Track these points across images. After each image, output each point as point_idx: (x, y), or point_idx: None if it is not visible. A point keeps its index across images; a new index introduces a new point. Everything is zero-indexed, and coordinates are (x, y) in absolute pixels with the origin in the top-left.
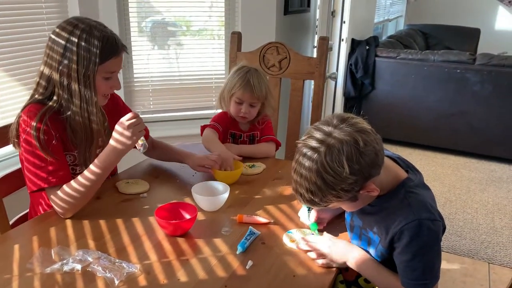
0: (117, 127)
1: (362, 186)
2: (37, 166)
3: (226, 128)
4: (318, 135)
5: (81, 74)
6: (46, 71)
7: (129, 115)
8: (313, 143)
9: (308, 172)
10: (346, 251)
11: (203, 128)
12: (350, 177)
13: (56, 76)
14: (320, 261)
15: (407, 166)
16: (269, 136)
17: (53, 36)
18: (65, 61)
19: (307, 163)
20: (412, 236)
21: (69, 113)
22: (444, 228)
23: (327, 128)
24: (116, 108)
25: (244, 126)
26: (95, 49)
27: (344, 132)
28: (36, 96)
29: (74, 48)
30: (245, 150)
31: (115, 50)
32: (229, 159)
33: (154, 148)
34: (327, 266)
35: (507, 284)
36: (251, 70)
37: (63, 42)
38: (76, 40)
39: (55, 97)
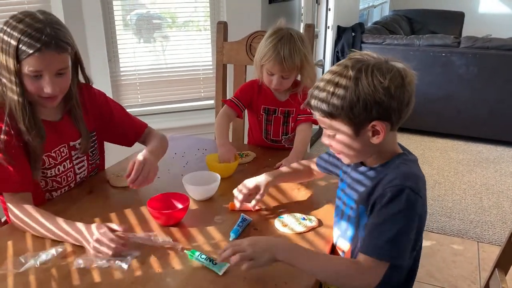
0: (93, 227)
1: (377, 118)
2: None
3: (254, 100)
4: (371, 57)
5: (4, 66)
6: None
7: (101, 230)
8: (366, 56)
9: (347, 71)
10: (271, 244)
11: (223, 102)
12: (380, 93)
13: None
14: (245, 265)
15: (403, 149)
16: (307, 115)
17: None
18: None
19: (351, 62)
20: (390, 198)
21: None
22: (424, 217)
23: (382, 56)
24: (94, 104)
25: (280, 95)
26: (14, 42)
27: (398, 63)
28: None
29: None
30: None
31: (35, 46)
32: (229, 159)
33: None
34: (253, 267)
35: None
36: (284, 38)
37: None
38: (1, 35)
39: None
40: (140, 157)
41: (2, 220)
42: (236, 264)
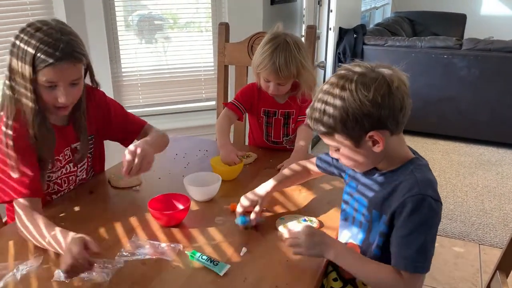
0: (67, 253)
1: (371, 128)
2: (7, 175)
3: (254, 104)
4: (357, 68)
5: (20, 74)
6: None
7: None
8: (351, 70)
9: (333, 89)
10: (325, 241)
11: (224, 105)
12: (367, 105)
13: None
14: (295, 250)
15: (414, 153)
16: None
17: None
18: (10, 61)
19: (336, 80)
20: (413, 209)
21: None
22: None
23: (369, 65)
24: (95, 105)
25: (279, 98)
26: (31, 50)
27: (385, 69)
28: (5, 90)
29: (15, 50)
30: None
31: (49, 58)
32: (232, 160)
33: None
34: (300, 254)
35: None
36: (280, 46)
37: (11, 44)
38: (18, 43)
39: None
40: (131, 146)
41: (3, 220)
42: (288, 246)
